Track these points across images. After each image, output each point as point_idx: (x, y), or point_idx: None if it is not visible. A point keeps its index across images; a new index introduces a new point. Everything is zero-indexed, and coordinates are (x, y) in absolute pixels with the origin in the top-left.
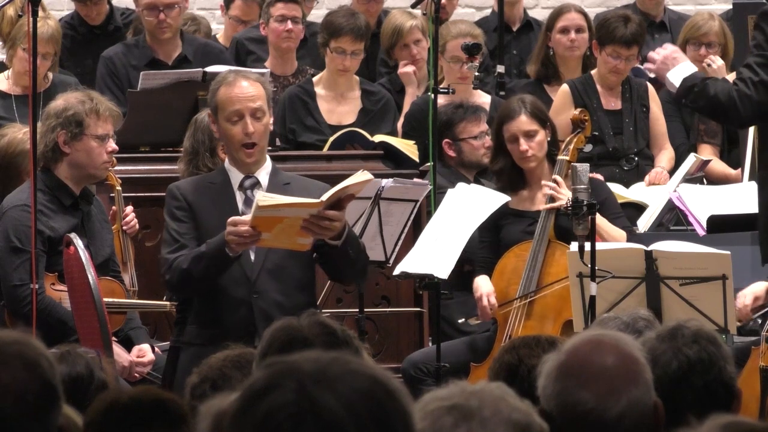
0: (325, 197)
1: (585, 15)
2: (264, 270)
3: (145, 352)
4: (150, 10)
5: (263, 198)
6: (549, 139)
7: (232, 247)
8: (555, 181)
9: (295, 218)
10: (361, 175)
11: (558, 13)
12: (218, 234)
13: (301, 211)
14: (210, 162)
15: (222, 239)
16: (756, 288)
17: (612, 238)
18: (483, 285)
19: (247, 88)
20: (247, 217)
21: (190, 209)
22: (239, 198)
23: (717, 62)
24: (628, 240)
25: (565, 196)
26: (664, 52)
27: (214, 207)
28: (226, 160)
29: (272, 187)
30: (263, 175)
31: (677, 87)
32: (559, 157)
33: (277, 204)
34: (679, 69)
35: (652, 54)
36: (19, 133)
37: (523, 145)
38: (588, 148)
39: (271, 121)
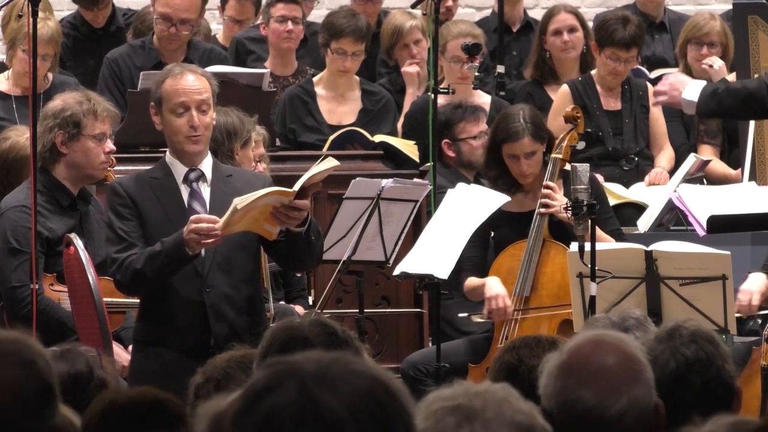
0: (297, 187)
1: (576, 14)
2: (214, 263)
3: None
4: (164, 21)
5: (240, 200)
6: (544, 151)
7: (192, 245)
8: (550, 188)
9: (265, 206)
10: (327, 162)
11: (549, 15)
12: (164, 229)
13: (272, 198)
14: (229, 163)
15: (180, 237)
16: (760, 284)
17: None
18: (497, 287)
19: (193, 81)
20: (213, 217)
21: (134, 206)
22: (184, 191)
23: (717, 63)
24: (628, 239)
25: (558, 202)
26: (669, 80)
27: (158, 202)
28: (167, 154)
29: (216, 179)
30: (206, 167)
31: (697, 100)
32: (552, 155)
33: (253, 200)
34: (692, 87)
35: (658, 87)
36: (21, 137)
37: (524, 165)
38: (581, 145)
39: (214, 115)
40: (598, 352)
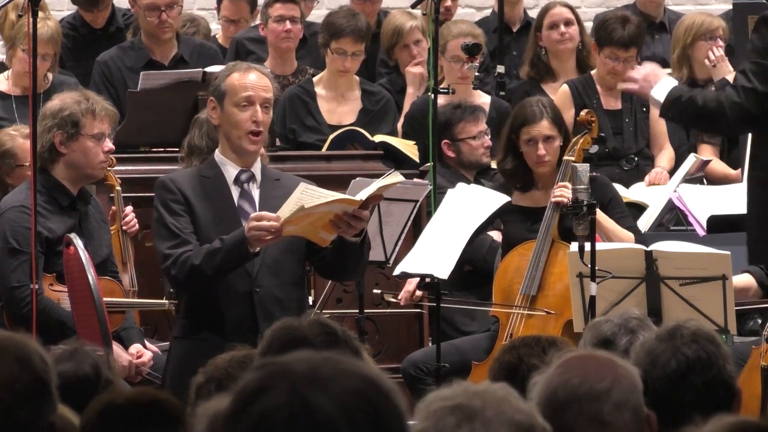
0: (363, 196)
1: (572, 9)
2: (264, 264)
3: (142, 353)
4: (151, 11)
5: (308, 200)
6: (561, 144)
7: (252, 243)
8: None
9: (328, 212)
10: (394, 177)
11: (545, 10)
12: (213, 227)
13: (337, 206)
14: None
15: (242, 235)
16: (740, 280)
17: (619, 239)
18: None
19: (260, 78)
20: (274, 215)
21: (186, 202)
22: (235, 192)
23: (719, 51)
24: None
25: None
26: (645, 70)
27: (209, 201)
28: (216, 153)
29: (265, 182)
30: (256, 169)
31: (662, 101)
32: (565, 158)
33: (321, 203)
34: (662, 84)
35: (632, 73)
36: None
37: (542, 149)
38: (594, 149)
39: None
40: (587, 361)
